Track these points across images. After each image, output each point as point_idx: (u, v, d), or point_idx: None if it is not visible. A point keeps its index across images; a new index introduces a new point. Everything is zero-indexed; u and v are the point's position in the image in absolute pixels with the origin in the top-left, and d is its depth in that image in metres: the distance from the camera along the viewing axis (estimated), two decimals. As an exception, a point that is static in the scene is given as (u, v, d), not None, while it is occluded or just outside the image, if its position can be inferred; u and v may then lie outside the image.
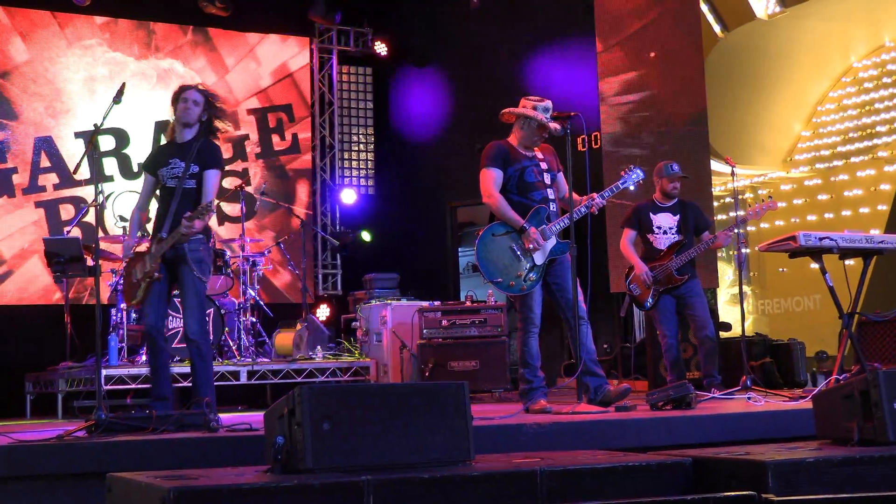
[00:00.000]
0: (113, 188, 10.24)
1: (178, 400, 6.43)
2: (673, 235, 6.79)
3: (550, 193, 5.69)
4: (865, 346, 6.90)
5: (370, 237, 11.84)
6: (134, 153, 10.46)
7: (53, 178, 10.14)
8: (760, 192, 9.71)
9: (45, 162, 10.15)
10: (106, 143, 10.30)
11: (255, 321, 8.67)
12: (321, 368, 8.35)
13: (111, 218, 9.66)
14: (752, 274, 9.67)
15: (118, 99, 4.90)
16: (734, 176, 6.73)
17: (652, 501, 3.07)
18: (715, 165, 8.44)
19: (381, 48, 11.89)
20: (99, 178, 4.96)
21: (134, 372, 7.40)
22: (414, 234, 11.59)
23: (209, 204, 5.14)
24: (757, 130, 9.66)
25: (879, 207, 8.79)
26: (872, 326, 7.05)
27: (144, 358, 7.19)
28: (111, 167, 10.42)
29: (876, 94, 9.11)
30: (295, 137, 11.53)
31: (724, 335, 8.07)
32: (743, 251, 7.06)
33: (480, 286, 10.25)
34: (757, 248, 6.90)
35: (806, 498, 3.07)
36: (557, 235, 5.61)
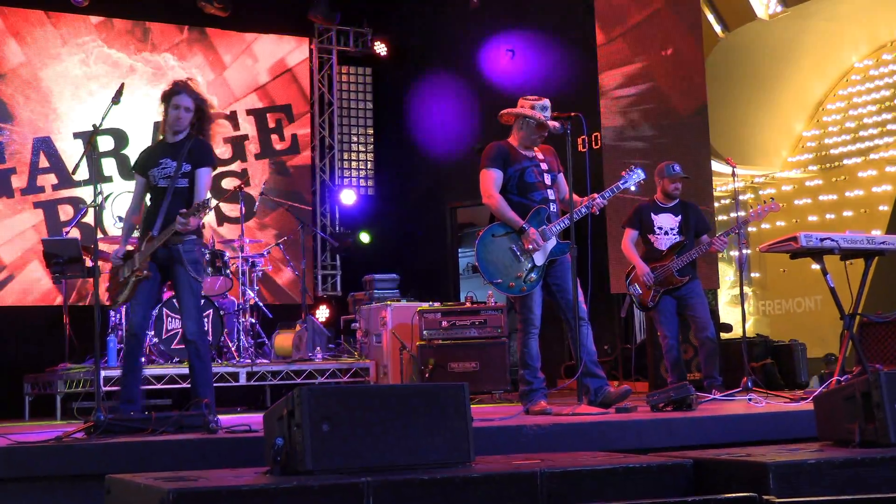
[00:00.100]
0: (112, 189, 10.23)
1: (177, 401, 6.42)
2: (674, 236, 6.79)
3: (551, 194, 5.67)
4: (867, 347, 6.90)
5: (369, 238, 11.83)
6: (133, 153, 10.34)
7: (52, 178, 10.11)
8: (761, 192, 9.70)
9: (43, 162, 10.13)
10: (105, 143, 10.27)
11: (254, 322, 8.65)
12: (321, 370, 8.34)
13: (110, 219, 9.65)
14: (752, 275, 9.66)
15: (117, 99, 4.89)
16: (735, 177, 6.72)
17: (652, 503, 3.06)
18: (716, 166, 8.43)
19: (380, 48, 11.88)
20: (98, 178, 4.95)
21: (133, 373, 7.37)
22: (414, 234, 11.58)
23: (206, 202, 5.07)
24: (758, 131, 9.65)
25: (881, 208, 8.79)
26: (874, 327, 7.04)
27: (120, 356, 7.01)
28: (110, 168, 10.40)
29: (877, 94, 9.10)
30: (294, 137, 11.51)
31: (724, 336, 8.07)
32: (744, 252, 7.04)
33: (480, 287, 10.25)
34: (758, 248, 6.89)
35: (807, 500, 3.07)
36: (558, 236, 5.59)
